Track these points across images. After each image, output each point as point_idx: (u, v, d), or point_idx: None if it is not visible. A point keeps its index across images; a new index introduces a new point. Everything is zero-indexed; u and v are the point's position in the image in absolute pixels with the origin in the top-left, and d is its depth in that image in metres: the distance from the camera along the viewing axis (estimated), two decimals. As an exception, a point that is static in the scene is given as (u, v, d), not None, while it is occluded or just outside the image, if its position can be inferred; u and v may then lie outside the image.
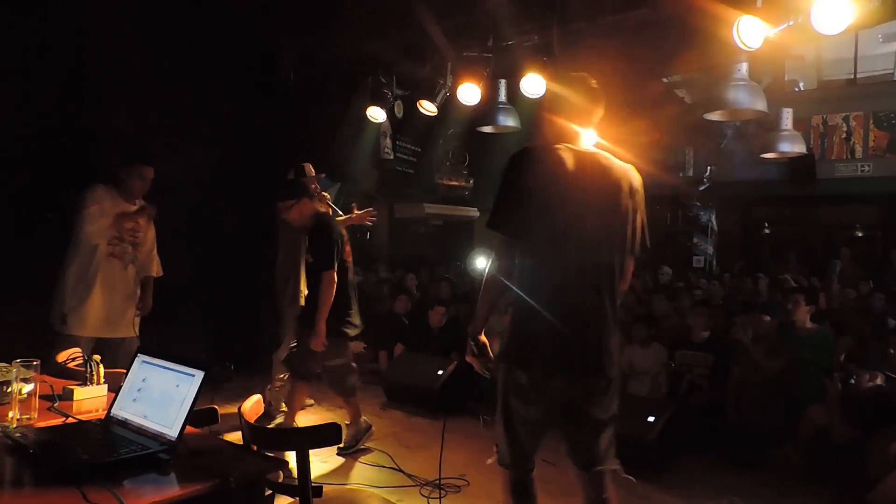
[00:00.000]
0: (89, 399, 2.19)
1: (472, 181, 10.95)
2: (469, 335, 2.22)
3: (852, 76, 10.77)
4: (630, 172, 2.16)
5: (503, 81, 5.73)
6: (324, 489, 1.85)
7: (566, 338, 2.03)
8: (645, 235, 2.18)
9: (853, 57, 10.56)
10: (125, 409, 1.85)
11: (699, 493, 3.63)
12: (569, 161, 2.07)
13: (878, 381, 3.84)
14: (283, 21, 5.94)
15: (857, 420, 3.71)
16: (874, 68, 10.81)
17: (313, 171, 4.55)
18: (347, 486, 3.46)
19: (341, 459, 3.96)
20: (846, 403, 3.80)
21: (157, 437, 1.69)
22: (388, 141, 8.56)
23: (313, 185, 4.43)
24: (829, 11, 3.36)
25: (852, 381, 3.90)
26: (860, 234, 11.33)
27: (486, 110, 5.83)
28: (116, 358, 3.35)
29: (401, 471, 3.77)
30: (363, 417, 4.19)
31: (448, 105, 5.95)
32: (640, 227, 2.16)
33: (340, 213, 4.61)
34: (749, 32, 3.69)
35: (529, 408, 2.11)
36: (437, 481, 3.40)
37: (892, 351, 4.13)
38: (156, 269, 4.00)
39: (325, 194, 4.54)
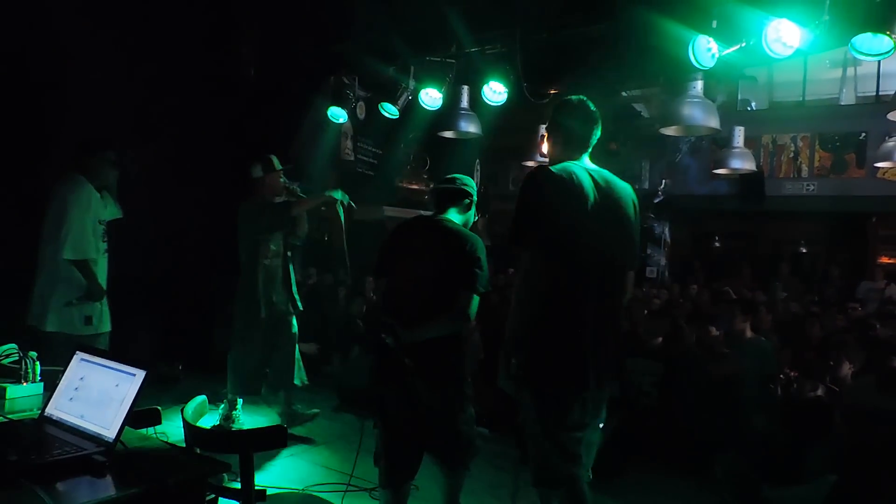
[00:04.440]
0: (23, 398, 2.09)
1: (432, 185, 10.95)
2: (510, 356, 2.17)
3: (801, 98, 11.21)
4: (631, 190, 2.31)
5: (465, 87, 5.76)
6: (267, 493, 1.82)
7: (591, 351, 2.13)
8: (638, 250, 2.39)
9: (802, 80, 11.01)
10: (61, 409, 1.78)
11: (649, 499, 3.69)
12: (583, 178, 2.18)
13: (819, 391, 3.98)
14: (244, 14, 5.84)
15: (796, 428, 3.83)
16: (821, 92, 11.27)
17: (278, 163, 4.39)
18: (293, 490, 3.40)
19: (288, 461, 3.89)
20: (787, 412, 3.93)
21: (93, 439, 1.63)
22: (349, 142, 8.50)
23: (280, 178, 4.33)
24: (779, 35, 3.49)
25: (793, 389, 4.04)
26: (804, 250, 11.78)
27: (448, 115, 5.85)
28: None
29: (347, 476, 3.73)
30: None
31: (410, 108, 5.94)
32: (637, 242, 2.34)
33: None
34: (703, 52, 3.81)
35: (571, 415, 2.16)
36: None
37: (831, 363, 4.30)
38: None
39: (293, 188, 4.39)
